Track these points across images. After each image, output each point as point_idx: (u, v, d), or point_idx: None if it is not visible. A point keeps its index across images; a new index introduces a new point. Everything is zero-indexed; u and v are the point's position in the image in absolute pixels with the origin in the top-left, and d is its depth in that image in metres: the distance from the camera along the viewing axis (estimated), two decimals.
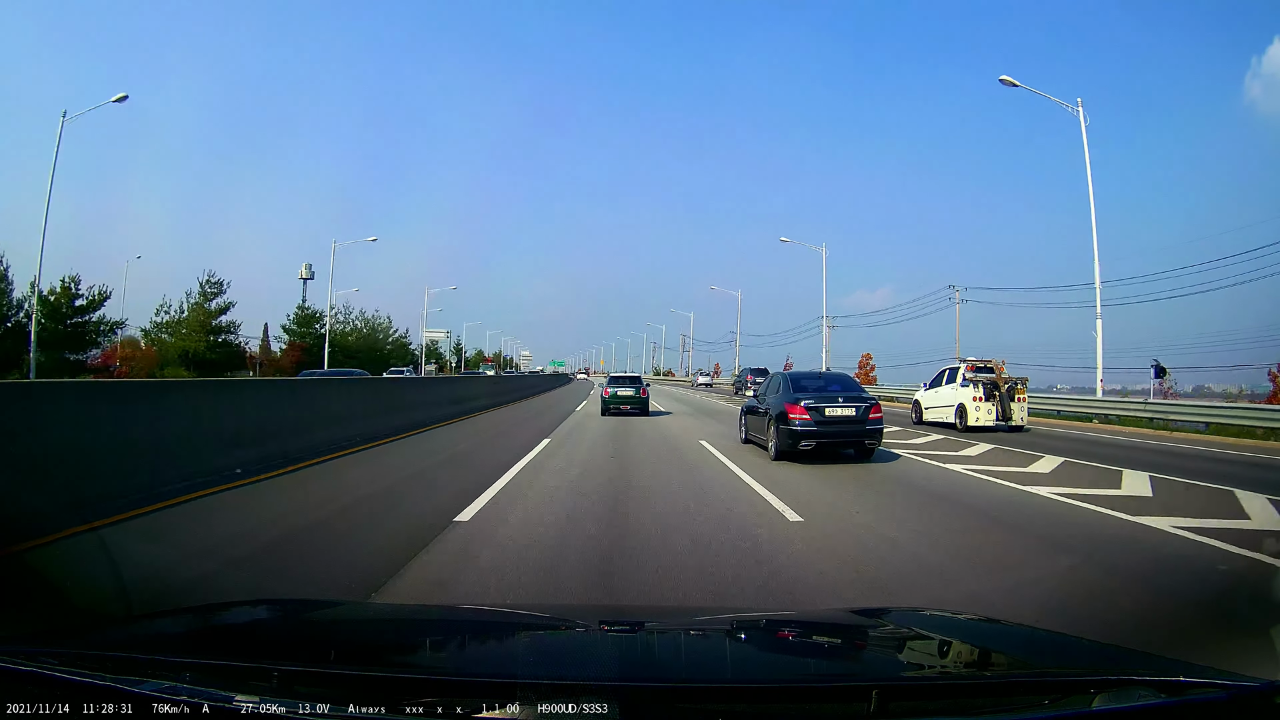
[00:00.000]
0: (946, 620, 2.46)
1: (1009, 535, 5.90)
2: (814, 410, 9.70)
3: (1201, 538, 5.65)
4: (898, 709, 1.34)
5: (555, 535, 5.50)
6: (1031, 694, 1.47)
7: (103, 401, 7.01)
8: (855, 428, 9.87)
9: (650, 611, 3.30)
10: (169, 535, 5.34)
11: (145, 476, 6.54)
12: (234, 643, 1.90)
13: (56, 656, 1.48)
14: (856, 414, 9.87)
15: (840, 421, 9.82)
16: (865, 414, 9.90)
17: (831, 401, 9.89)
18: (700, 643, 2.12)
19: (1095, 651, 2.00)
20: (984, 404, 16.20)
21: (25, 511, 5.15)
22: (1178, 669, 1.51)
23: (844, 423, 9.83)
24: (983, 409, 16.19)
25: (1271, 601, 4.40)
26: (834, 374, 12.02)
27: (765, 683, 1.60)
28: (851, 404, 9.95)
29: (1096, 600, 4.19)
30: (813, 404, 9.75)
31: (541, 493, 7.36)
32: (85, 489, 5.85)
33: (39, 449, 5.65)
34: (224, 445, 8.02)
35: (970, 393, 16.42)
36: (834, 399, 9.96)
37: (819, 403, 9.80)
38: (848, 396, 10.10)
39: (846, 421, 9.84)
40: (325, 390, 12.97)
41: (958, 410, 16.60)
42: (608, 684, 1.39)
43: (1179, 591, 4.46)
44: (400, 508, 6.67)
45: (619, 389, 19.32)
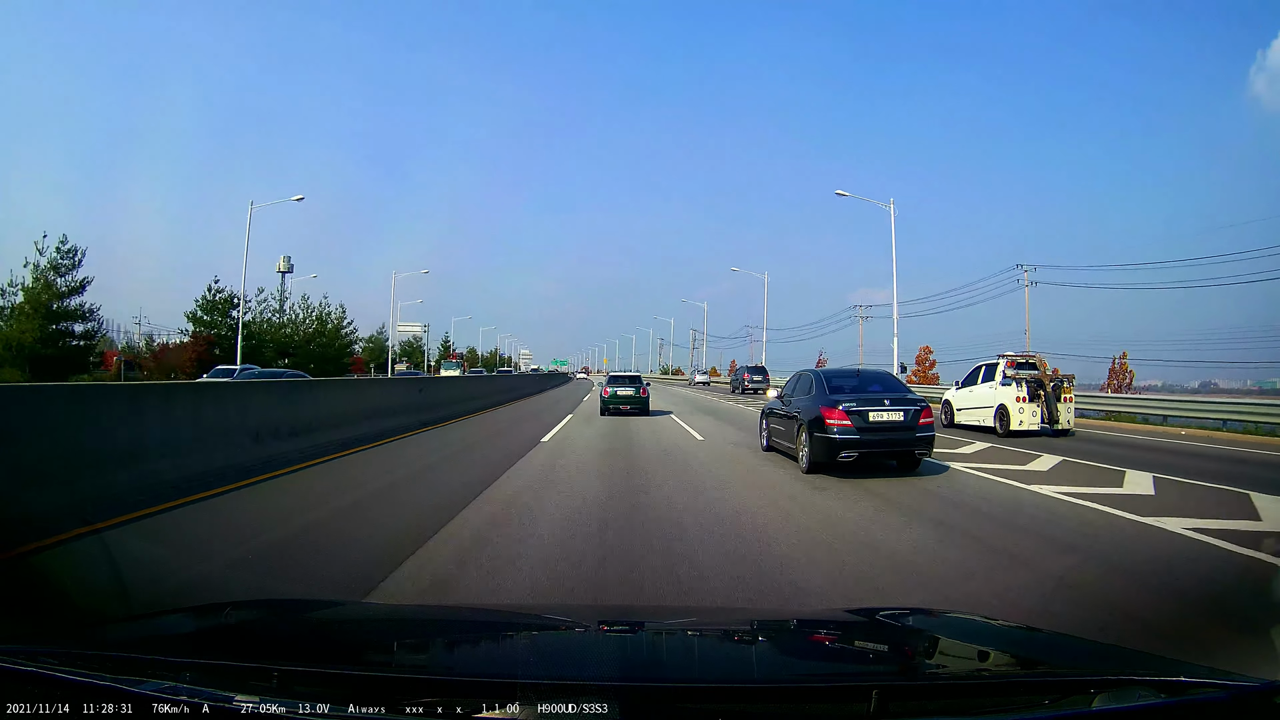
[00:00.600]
0: (946, 620, 2.46)
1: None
2: (856, 415, 8.33)
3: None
4: (898, 709, 1.34)
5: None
6: (1031, 694, 1.47)
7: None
8: (904, 435, 8.52)
9: (650, 611, 3.30)
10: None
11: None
12: (234, 643, 1.90)
13: (56, 656, 1.48)
14: (905, 419, 8.50)
15: (886, 428, 8.47)
16: (915, 419, 8.55)
17: (876, 404, 8.51)
18: (700, 643, 2.12)
19: (1095, 651, 2.00)
20: (1028, 405, 14.43)
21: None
22: (1178, 669, 1.51)
23: (891, 429, 8.49)
24: (1027, 411, 14.40)
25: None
26: (873, 371, 10.30)
27: (765, 683, 1.60)
28: (899, 407, 8.54)
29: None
30: (854, 407, 8.37)
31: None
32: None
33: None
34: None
35: (1013, 392, 14.61)
36: (878, 401, 8.56)
37: (861, 406, 8.42)
38: (894, 399, 8.68)
39: (894, 428, 8.49)
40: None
41: (998, 412, 14.82)
42: (608, 684, 1.39)
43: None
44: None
45: (618, 388, 19.26)
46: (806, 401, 9.23)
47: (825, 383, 9.32)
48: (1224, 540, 5.47)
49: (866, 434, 8.37)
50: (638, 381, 19.75)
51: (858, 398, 8.63)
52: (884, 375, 10.27)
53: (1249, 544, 5.34)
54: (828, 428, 8.37)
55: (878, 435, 8.44)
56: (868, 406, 8.48)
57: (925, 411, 8.72)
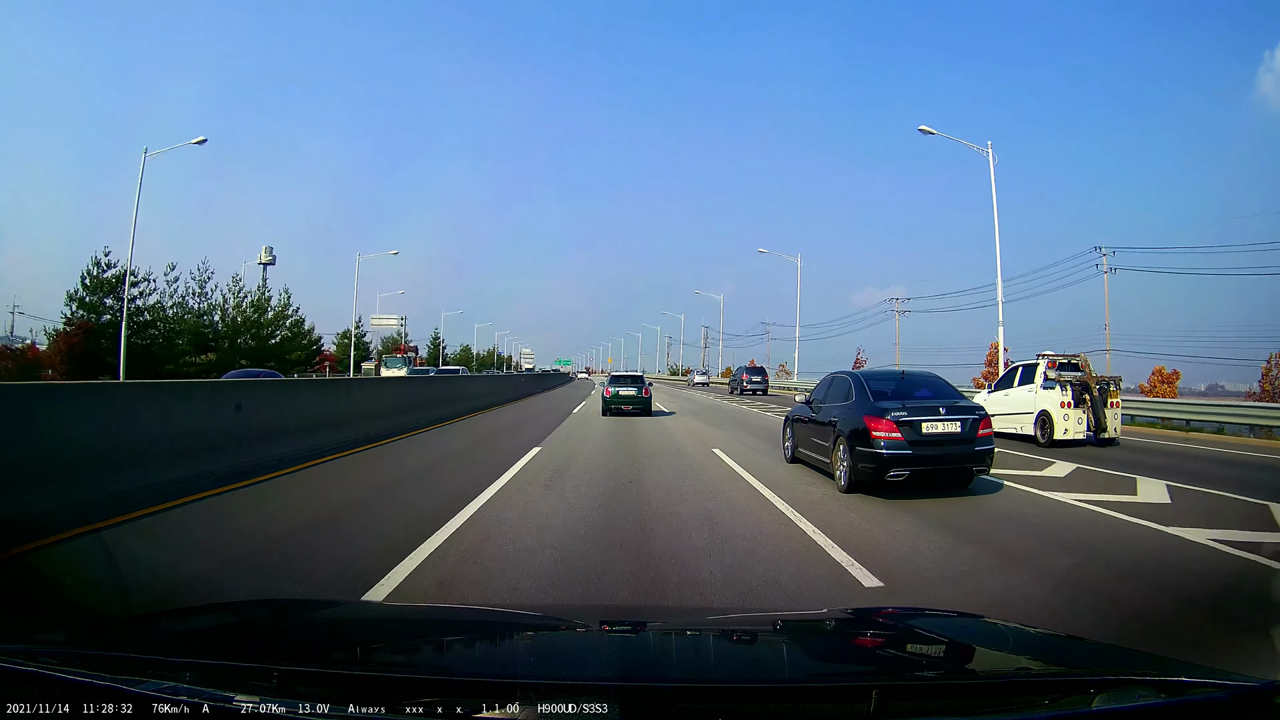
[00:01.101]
0: (946, 620, 2.46)
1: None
2: (907, 426, 7.15)
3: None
4: (898, 709, 1.34)
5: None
6: (1031, 694, 1.47)
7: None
8: (962, 449, 7.32)
9: (650, 612, 3.30)
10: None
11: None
12: (234, 643, 1.90)
13: (56, 656, 1.48)
14: (962, 430, 7.31)
15: (943, 441, 7.27)
16: (973, 430, 7.35)
17: (929, 414, 7.31)
18: (700, 643, 2.12)
19: (1095, 651, 2.00)
20: (1073, 411, 12.90)
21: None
22: (1178, 669, 1.51)
23: (948, 442, 7.28)
24: (1072, 417, 12.87)
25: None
26: (919, 373, 8.95)
27: (765, 683, 1.60)
28: (955, 417, 7.34)
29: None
30: (904, 417, 7.17)
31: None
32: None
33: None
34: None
35: (1056, 396, 13.06)
36: (931, 409, 7.37)
37: (913, 416, 7.23)
38: (949, 406, 7.50)
39: (951, 441, 7.29)
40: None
41: (1039, 419, 13.31)
42: (608, 684, 1.39)
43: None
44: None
45: (620, 388, 19.24)
46: (844, 410, 8.02)
47: (867, 387, 8.05)
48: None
49: (919, 448, 7.17)
50: (640, 382, 19.74)
51: (907, 405, 7.39)
52: (931, 378, 8.88)
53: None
54: (873, 441, 7.13)
55: (932, 450, 7.24)
56: (920, 416, 7.27)
57: (984, 421, 7.53)
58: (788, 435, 10.07)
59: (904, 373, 8.94)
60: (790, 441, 9.90)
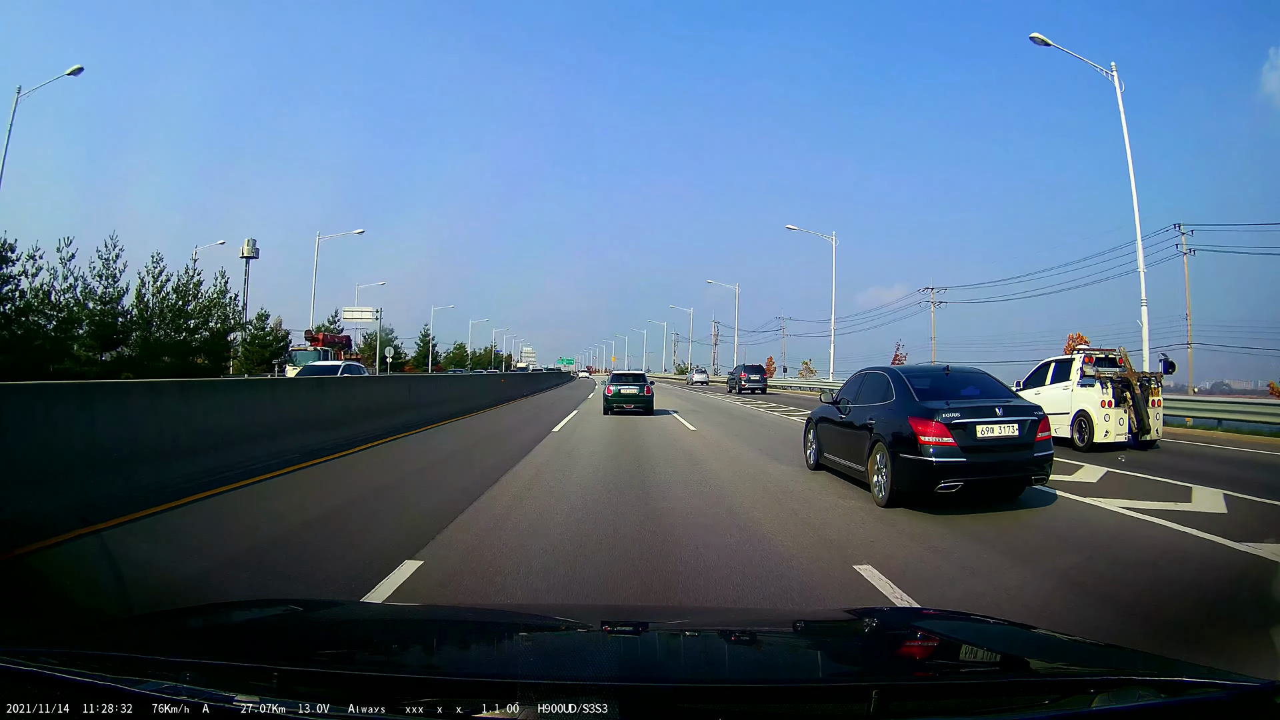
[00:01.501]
0: (947, 620, 2.46)
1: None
2: (959, 429, 6.25)
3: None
4: (898, 709, 1.34)
5: None
6: (1031, 694, 1.48)
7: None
8: (1020, 455, 6.45)
9: (650, 612, 3.30)
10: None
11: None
12: (234, 643, 1.90)
13: (56, 656, 1.48)
14: (1020, 434, 6.44)
15: (999, 446, 6.41)
16: (1031, 433, 6.48)
17: (984, 415, 6.42)
18: (700, 643, 2.12)
19: (1095, 651, 2.00)
20: (1114, 410, 11.63)
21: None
22: (1178, 669, 1.51)
23: (1005, 448, 6.43)
24: (1114, 418, 11.58)
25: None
26: (965, 369, 8.04)
27: (765, 683, 1.60)
28: (1012, 419, 6.46)
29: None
30: (957, 420, 6.28)
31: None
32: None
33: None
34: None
35: (1095, 395, 11.80)
36: (985, 410, 6.48)
37: (966, 418, 6.32)
38: (1005, 407, 6.59)
39: (1007, 446, 6.43)
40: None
41: (1076, 420, 12.03)
42: (608, 684, 1.40)
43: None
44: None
45: (622, 387, 19.28)
46: (883, 411, 7.06)
47: (909, 385, 7.08)
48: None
49: (974, 455, 6.26)
50: (641, 381, 19.78)
51: (958, 406, 6.49)
52: (977, 373, 7.88)
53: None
54: (921, 448, 6.23)
55: (988, 457, 6.37)
56: (974, 419, 6.36)
57: (1043, 423, 6.65)
58: (810, 440, 9.02)
59: (948, 368, 7.84)
60: (814, 447, 8.89)
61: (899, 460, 6.47)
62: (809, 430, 9.16)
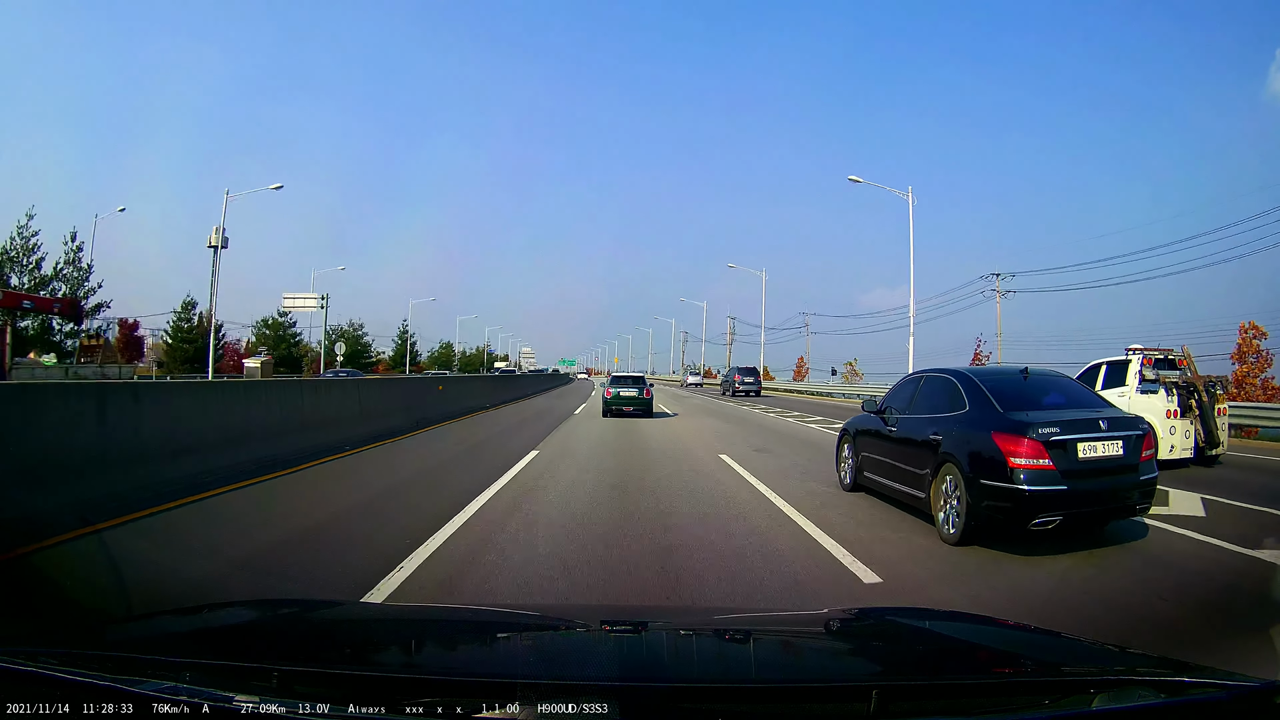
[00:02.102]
0: (947, 620, 2.46)
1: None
2: (1058, 449, 4.98)
3: None
4: (898, 709, 1.34)
5: None
6: (1031, 694, 1.48)
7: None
8: (1126, 480, 5.19)
9: (650, 612, 3.30)
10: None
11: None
12: (234, 643, 1.90)
13: (56, 656, 1.48)
14: (1125, 453, 5.20)
15: (1104, 469, 5.15)
16: (1136, 452, 5.25)
17: (1086, 430, 5.16)
18: (700, 643, 2.12)
19: (1095, 651, 2.00)
20: (1179, 421, 10.02)
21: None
22: (1178, 669, 1.51)
23: (1110, 471, 5.17)
24: (1179, 430, 9.96)
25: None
26: (1046, 373, 6.65)
27: (765, 683, 1.60)
28: (1117, 434, 5.21)
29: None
30: (1057, 436, 5.00)
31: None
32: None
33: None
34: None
35: (1159, 403, 10.07)
36: (1087, 424, 5.21)
37: (1066, 433, 5.05)
38: (1111, 420, 5.35)
39: (1113, 469, 5.18)
40: None
41: None
42: (607, 684, 1.40)
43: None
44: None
45: (622, 389, 19.32)
46: (953, 423, 5.71)
47: (987, 391, 5.69)
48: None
49: (1075, 482, 4.97)
50: (641, 383, 19.83)
51: (1053, 418, 5.22)
52: (1058, 376, 6.67)
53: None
54: (1011, 472, 4.92)
55: (1091, 483, 5.11)
56: (1076, 434, 5.09)
57: (1147, 439, 5.40)
58: (845, 453, 7.71)
59: (1025, 370, 6.29)
60: (850, 463, 7.54)
61: (979, 487, 5.09)
62: (843, 444, 7.84)
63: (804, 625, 2.47)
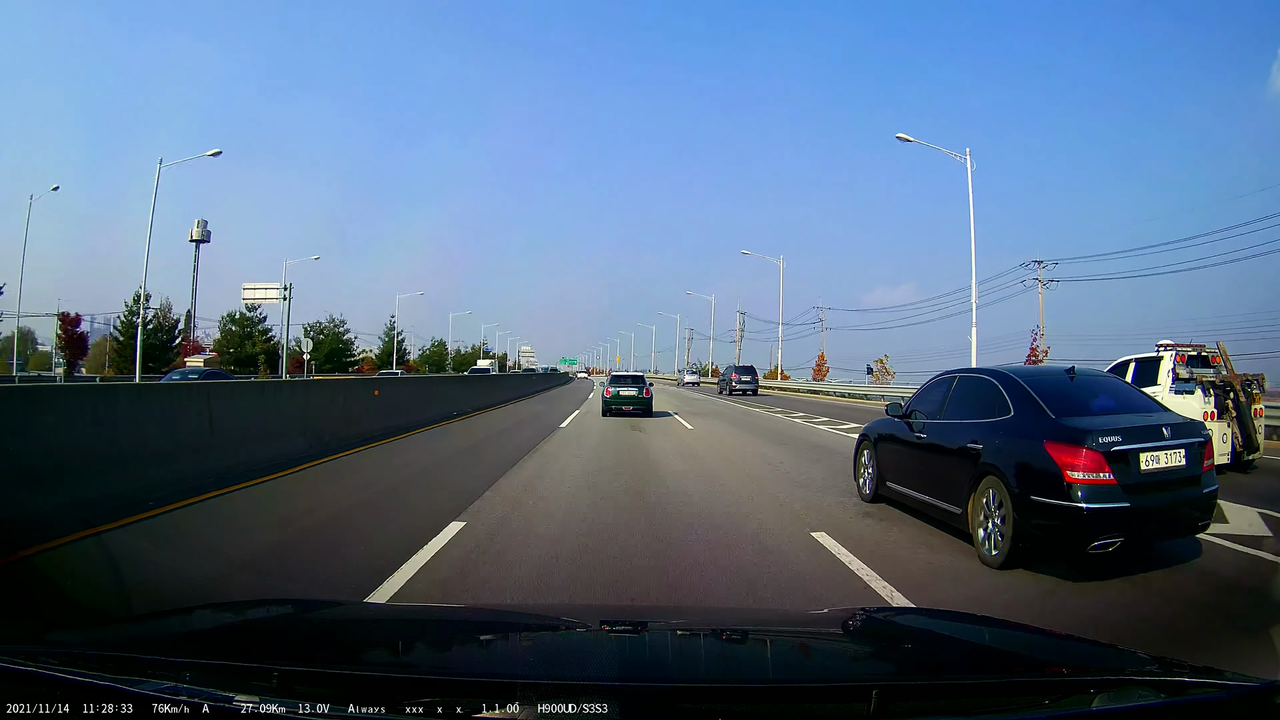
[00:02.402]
0: (947, 620, 2.46)
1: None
2: (1120, 460, 4.39)
3: None
4: (898, 709, 1.34)
5: None
6: (1031, 694, 1.47)
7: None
8: (1189, 494, 4.67)
9: (650, 611, 3.30)
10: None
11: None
12: (234, 643, 1.90)
13: (56, 656, 1.48)
14: (1187, 464, 4.64)
15: (1167, 483, 4.61)
16: (1198, 462, 4.69)
17: (1150, 438, 4.56)
18: (700, 643, 2.12)
19: (1095, 651, 2.00)
20: (1217, 424, 9.13)
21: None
22: (1178, 669, 1.51)
23: (1173, 484, 4.62)
24: (1216, 433, 8.64)
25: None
26: (1092, 373, 6.08)
27: (765, 683, 1.60)
28: (1179, 442, 4.63)
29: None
30: (1119, 445, 4.40)
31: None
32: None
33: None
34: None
35: (1195, 404, 9.31)
36: (1150, 432, 4.62)
37: (1128, 442, 4.45)
38: (1173, 426, 4.74)
39: (1176, 481, 4.63)
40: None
41: None
42: (608, 684, 1.40)
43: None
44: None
45: (621, 388, 19.33)
46: (996, 430, 5.08)
47: (1035, 394, 5.05)
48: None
49: (1138, 497, 4.39)
50: (640, 382, 19.84)
51: (1112, 425, 4.61)
52: (1105, 377, 6.04)
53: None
54: (1067, 487, 4.32)
55: (1153, 499, 4.53)
56: (1138, 444, 4.49)
57: (1208, 448, 4.84)
58: (865, 462, 7.10)
59: (1072, 369, 5.60)
60: (870, 471, 6.94)
61: (1028, 505, 4.47)
62: (863, 450, 7.21)
63: (804, 625, 2.47)
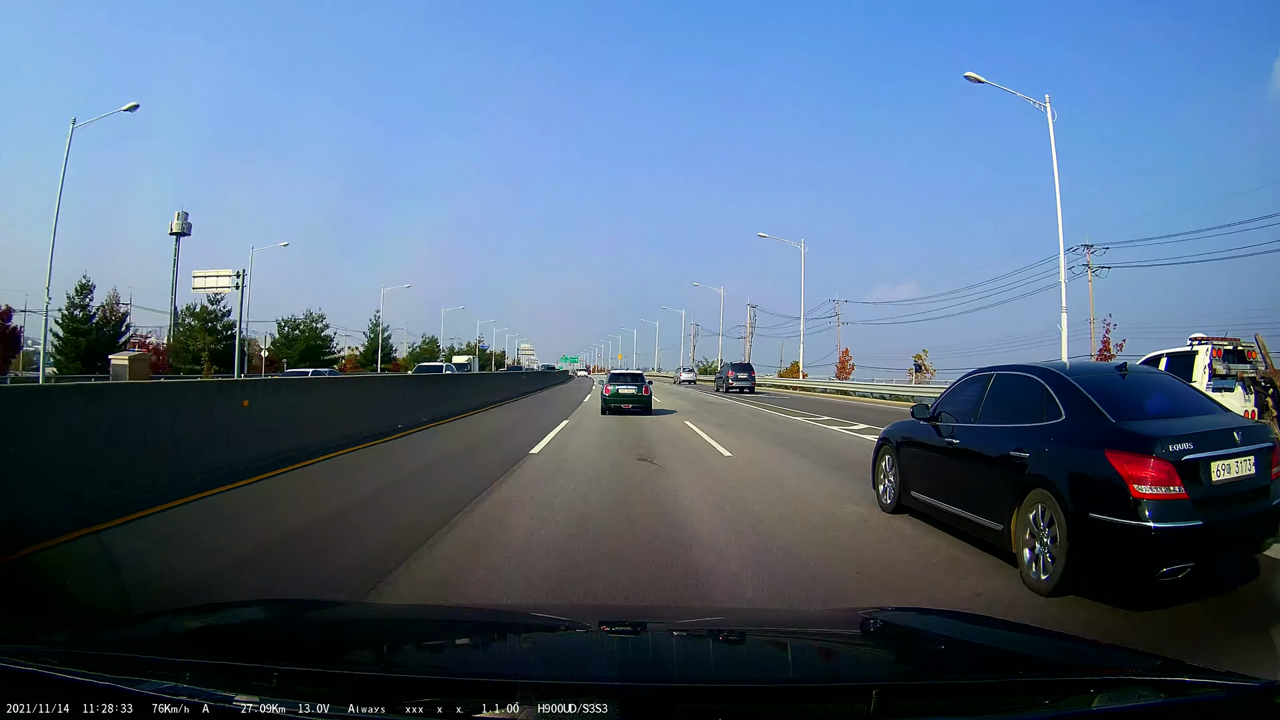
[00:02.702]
0: (946, 620, 2.46)
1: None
2: (1191, 470, 3.75)
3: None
4: (898, 709, 1.34)
5: None
6: (1031, 694, 1.47)
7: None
8: (1258, 507, 4.04)
9: (650, 612, 3.31)
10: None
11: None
12: (234, 643, 1.90)
13: (56, 656, 1.48)
14: (1256, 472, 4.03)
15: (1238, 495, 3.98)
16: (1266, 469, 4.08)
17: (1221, 445, 3.94)
18: (700, 643, 2.12)
19: (1095, 651, 2.00)
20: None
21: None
22: (1178, 669, 1.51)
23: (1244, 497, 4.00)
24: None
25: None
26: (1143, 370, 5.62)
27: (765, 683, 1.60)
28: (1249, 448, 4.01)
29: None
30: (1189, 453, 3.75)
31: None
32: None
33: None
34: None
35: (1236, 402, 8.78)
36: (1220, 437, 4.00)
37: (1200, 449, 3.81)
38: (1243, 430, 4.16)
39: (1247, 494, 4.01)
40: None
41: None
42: (607, 684, 1.40)
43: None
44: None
45: (620, 386, 19.34)
46: (1045, 436, 4.40)
47: (1088, 394, 4.38)
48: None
49: (1209, 513, 3.76)
50: (639, 380, 19.84)
51: (1179, 429, 3.98)
52: (1157, 374, 5.43)
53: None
54: (1135, 503, 3.66)
55: (1227, 514, 3.92)
56: (1209, 451, 3.86)
57: (1275, 454, 4.16)
58: (886, 469, 6.42)
59: (1124, 366, 4.96)
60: (892, 479, 6.31)
61: (1086, 524, 3.82)
62: (883, 455, 6.53)
63: (803, 625, 2.47)
